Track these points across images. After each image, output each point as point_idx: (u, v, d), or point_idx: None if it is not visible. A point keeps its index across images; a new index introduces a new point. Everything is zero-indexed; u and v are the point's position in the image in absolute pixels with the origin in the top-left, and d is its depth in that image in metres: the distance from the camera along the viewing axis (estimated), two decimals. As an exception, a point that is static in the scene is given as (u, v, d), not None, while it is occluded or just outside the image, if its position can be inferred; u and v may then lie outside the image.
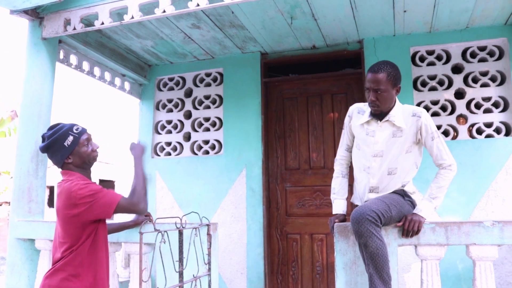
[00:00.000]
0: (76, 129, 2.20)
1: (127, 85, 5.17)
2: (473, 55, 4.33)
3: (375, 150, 2.60)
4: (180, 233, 2.34)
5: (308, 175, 4.72)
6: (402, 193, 2.58)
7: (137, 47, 4.78)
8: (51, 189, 16.13)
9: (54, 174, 16.02)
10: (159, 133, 5.24)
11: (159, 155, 5.19)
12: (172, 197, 4.96)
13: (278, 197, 4.77)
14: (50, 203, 15.89)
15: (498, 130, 4.17)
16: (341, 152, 2.87)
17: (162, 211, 5.00)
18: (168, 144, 5.18)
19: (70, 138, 2.17)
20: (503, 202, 4.01)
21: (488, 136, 4.17)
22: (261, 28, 4.28)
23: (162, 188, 5.03)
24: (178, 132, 5.16)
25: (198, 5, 3.21)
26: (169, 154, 5.15)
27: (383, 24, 4.23)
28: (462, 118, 4.32)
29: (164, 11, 3.31)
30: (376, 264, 2.27)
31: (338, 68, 4.79)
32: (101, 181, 16.39)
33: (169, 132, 5.21)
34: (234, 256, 4.62)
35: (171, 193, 4.97)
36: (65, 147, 2.16)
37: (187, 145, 5.08)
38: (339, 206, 2.78)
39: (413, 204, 2.61)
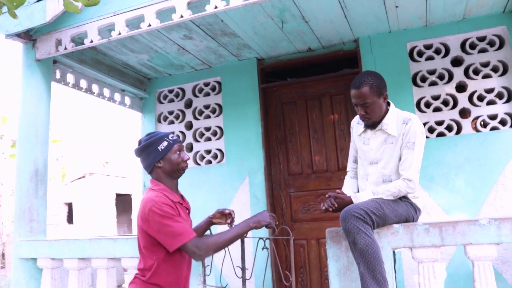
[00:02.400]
0: (171, 137, 2.25)
1: (127, 100, 5.20)
2: (473, 46, 4.21)
3: (370, 158, 2.63)
4: (242, 242, 2.39)
5: (312, 179, 4.65)
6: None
7: (133, 62, 4.81)
8: (70, 205, 16.37)
9: (72, 191, 16.32)
10: (162, 146, 5.24)
11: (163, 168, 5.19)
12: (178, 209, 4.94)
13: (283, 203, 4.72)
14: (69, 220, 16.13)
15: (503, 122, 4.04)
16: (349, 164, 2.93)
17: (168, 223, 4.98)
18: (171, 156, 5.17)
19: (164, 143, 2.21)
20: (512, 196, 3.88)
21: (493, 128, 4.04)
22: (253, 34, 4.25)
23: (167, 200, 5.02)
24: (180, 144, 5.16)
25: (182, 16, 3.20)
26: (173, 166, 5.14)
27: (377, 21, 4.15)
28: (466, 112, 4.20)
29: (150, 25, 3.31)
30: (367, 262, 2.21)
31: (335, 69, 4.72)
32: (117, 195, 16.55)
33: (172, 144, 5.20)
34: (233, 260, 4.56)
35: (176, 205, 4.95)
36: (158, 150, 2.19)
37: (189, 156, 5.07)
38: (343, 189, 2.83)
39: (413, 206, 2.54)
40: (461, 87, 4.25)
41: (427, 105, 4.24)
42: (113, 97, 4.97)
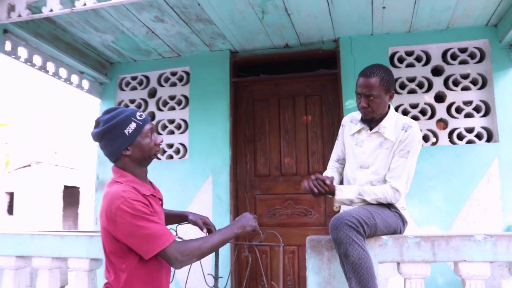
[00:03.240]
0: (140, 116, 1.81)
1: (85, 84, 4.76)
2: (454, 57, 4.12)
3: (361, 161, 2.40)
4: None
5: (279, 182, 4.40)
6: (387, 205, 2.30)
7: (96, 42, 4.39)
8: (11, 195, 15.35)
9: (15, 180, 15.32)
10: (120, 136, 4.84)
11: (119, 160, 4.79)
12: (133, 205, 4.56)
13: (247, 206, 4.44)
14: (10, 211, 15.11)
15: (479, 136, 3.96)
16: (331, 163, 2.67)
17: (121, 220, 4.59)
18: (130, 147, 4.78)
19: (133, 125, 1.77)
20: (485, 211, 3.78)
21: (469, 142, 3.95)
22: (230, 23, 3.96)
23: (122, 196, 4.63)
24: (140, 135, 4.77)
25: (157, -10, 2.88)
26: (130, 158, 4.75)
27: (361, 22, 3.97)
28: (442, 122, 4.10)
29: (120, -3, 2.96)
30: (359, 277, 1.97)
31: (312, 68, 4.51)
32: (65, 187, 15.71)
33: (131, 134, 4.82)
34: (199, 270, 4.24)
35: (132, 201, 4.57)
36: (125, 135, 1.76)
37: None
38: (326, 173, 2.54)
39: (401, 218, 2.34)
40: (439, 97, 4.14)
41: (405, 113, 4.10)
42: (70, 79, 4.53)
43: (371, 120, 2.35)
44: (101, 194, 4.75)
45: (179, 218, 2.20)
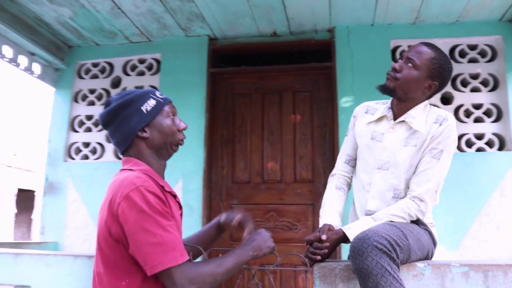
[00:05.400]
0: (160, 94, 1.52)
1: (37, 68, 4.06)
2: (463, 54, 3.66)
3: (380, 160, 1.84)
4: None
5: (261, 191, 3.80)
6: (415, 221, 1.75)
7: (51, 18, 3.72)
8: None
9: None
10: (76, 131, 4.15)
11: (73, 159, 4.10)
12: (87, 213, 3.87)
13: (223, 217, 3.82)
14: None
15: (490, 143, 3.50)
16: (339, 165, 2.07)
17: (73, 229, 3.89)
18: (86, 145, 4.10)
19: (151, 102, 1.46)
20: (497, 229, 3.30)
21: (479, 149, 3.49)
22: (212, 1, 3.37)
23: (74, 201, 3.93)
24: (99, 131, 4.10)
25: None
26: (87, 157, 4.06)
27: (362, 9, 3.47)
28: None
29: None
30: None
31: (303, 60, 3.95)
32: (20, 190, 14.62)
33: (89, 130, 4.14)
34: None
35: (86, 207, 3.88)
36: (142, 112, 1.43)
37: (109, 147, 4.03)
38: (326, 217, 1.87)
39: (432, 237, 1.79)
40: (446, 99, 3.67)
41: (408, 115, 3.60)
42: (16, 60, 3.81)
43: (391, 91, 1.81)
44: (50, 199, 4.04)
45: (214, 231, 1.72)
